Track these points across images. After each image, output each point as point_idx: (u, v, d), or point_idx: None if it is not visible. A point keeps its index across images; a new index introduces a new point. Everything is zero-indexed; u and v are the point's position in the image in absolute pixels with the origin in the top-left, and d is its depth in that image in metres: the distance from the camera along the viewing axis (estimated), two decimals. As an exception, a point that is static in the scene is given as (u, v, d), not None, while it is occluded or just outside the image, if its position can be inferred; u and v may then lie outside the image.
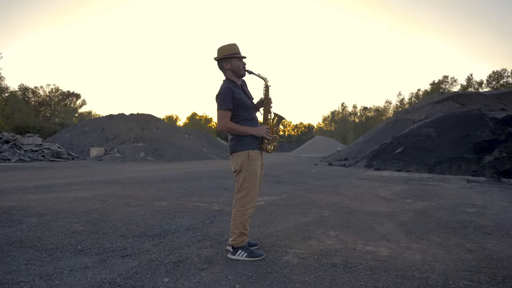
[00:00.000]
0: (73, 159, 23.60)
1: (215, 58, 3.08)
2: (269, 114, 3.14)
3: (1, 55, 54.67)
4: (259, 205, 5.65)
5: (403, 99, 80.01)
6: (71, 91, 76.65)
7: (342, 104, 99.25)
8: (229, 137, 3.05)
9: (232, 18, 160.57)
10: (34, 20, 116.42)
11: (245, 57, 3.09)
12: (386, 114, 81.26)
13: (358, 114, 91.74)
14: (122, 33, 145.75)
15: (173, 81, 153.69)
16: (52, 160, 21.53)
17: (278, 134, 3.16)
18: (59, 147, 24.60)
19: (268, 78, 3.15)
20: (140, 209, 5.14)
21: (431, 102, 31.25)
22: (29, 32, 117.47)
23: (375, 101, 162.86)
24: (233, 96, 2.90)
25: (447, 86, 69.67)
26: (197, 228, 4.02)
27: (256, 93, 3.24)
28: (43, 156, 22.00)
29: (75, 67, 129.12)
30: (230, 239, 3.02)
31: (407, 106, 68.39)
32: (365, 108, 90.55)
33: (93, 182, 9.17)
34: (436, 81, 71.93)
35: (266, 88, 3.15)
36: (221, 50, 3.02)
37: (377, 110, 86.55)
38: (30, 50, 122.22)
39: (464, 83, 69.24)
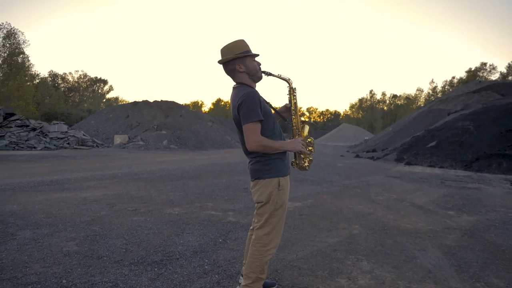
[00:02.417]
0: (97, 147, 23.67)
1: (220, 61, 2.41)
2: (299, 123, 2.49)
3: (29, 42, 55.89)
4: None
5: (435, 87, 77.02)
6: (99, 77, 77.95)
7: (371, 91, 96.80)
8: (252, 157, 2.38)
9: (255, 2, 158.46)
10: (61, 6, 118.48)
11: (258, 55, 2.44)
12: (417, 103, 78.53)
13: (387, 102, 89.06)
14: (148, 19, 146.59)
15: (199, 66, 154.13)
16: (76, 148, 21.62)
17: (313, 146, 2.51)
18: (84, 135, 24.74)
19: (291, 79, 2.51)
20: (147, 219, 4.64)
21: (468, 92, 29.56)
22: (56, 18, 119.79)
23: (405, 88, 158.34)
24: (261, 104, 2.27)
25: (485, 74, 66.20)
26: (206, 251, 3.47)
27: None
28: (68, 143, 22.13)
29: (102, 53, 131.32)
30: (242, 282, 2.44)
31: (440, 95, 65.70)
32: (394, 96, 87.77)
33: (109, 177, 8.82)
34: (472, 69, 68.48)
35: (293, 91, 2.50)
36: (229, 49, 2.36)
37: (407, 98, 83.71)
38: (58, 36, 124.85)
39: (504, 70, 65.52)
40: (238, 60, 2.37)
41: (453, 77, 72.89)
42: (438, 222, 4.97)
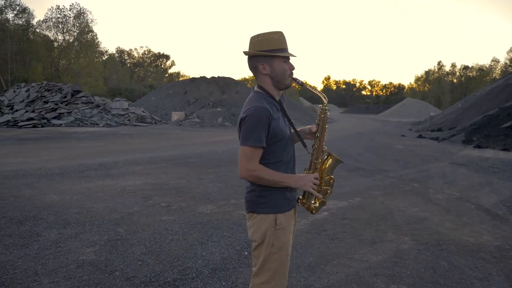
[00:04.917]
0: (156, 123, 24.35)
1: (246, 53, 1.86)
2: (322, 154, 1.90)
3: (96, 21, 58.60)
4: (320, 220, 4.59)
5: (515, 56, 69.26)
6: (162, 52, 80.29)
7: (439, 62, 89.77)
8: (248, 185, 1.90)
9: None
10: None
11: (294, 56, 1.85)
12: (492, 75, 71.43)
13: (457, 74, 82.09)
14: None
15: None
16: (135, 125, 22.37)
17: (331, 186, 1.90)
18: (143, 111, 25.53)
19: (326, 97, 1.95)
20: (176, 220, 4.42)
21: (554, 63, 26.06)
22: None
23: (478, 59, 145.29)
24: (269, 125, 1.75)
25: None
26: (226, 269, 3.14)
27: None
28: (128, 120, 22.97)
29: (164, 29, 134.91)
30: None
31: (519, 65, 59.15)
32: (466, 67, 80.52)
33: (156, 161, 8.84)
34: (560, 35, 60.39)
35: (324, 112, 1.91)
36: (257, 41, 1.80)
37: (480, 69, 76.43)
38: (124, 13, 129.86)
39: None
40: (264, 59, 1.81)
41: (538, 45, 64.92)
42: (509, 235, 4.21)
